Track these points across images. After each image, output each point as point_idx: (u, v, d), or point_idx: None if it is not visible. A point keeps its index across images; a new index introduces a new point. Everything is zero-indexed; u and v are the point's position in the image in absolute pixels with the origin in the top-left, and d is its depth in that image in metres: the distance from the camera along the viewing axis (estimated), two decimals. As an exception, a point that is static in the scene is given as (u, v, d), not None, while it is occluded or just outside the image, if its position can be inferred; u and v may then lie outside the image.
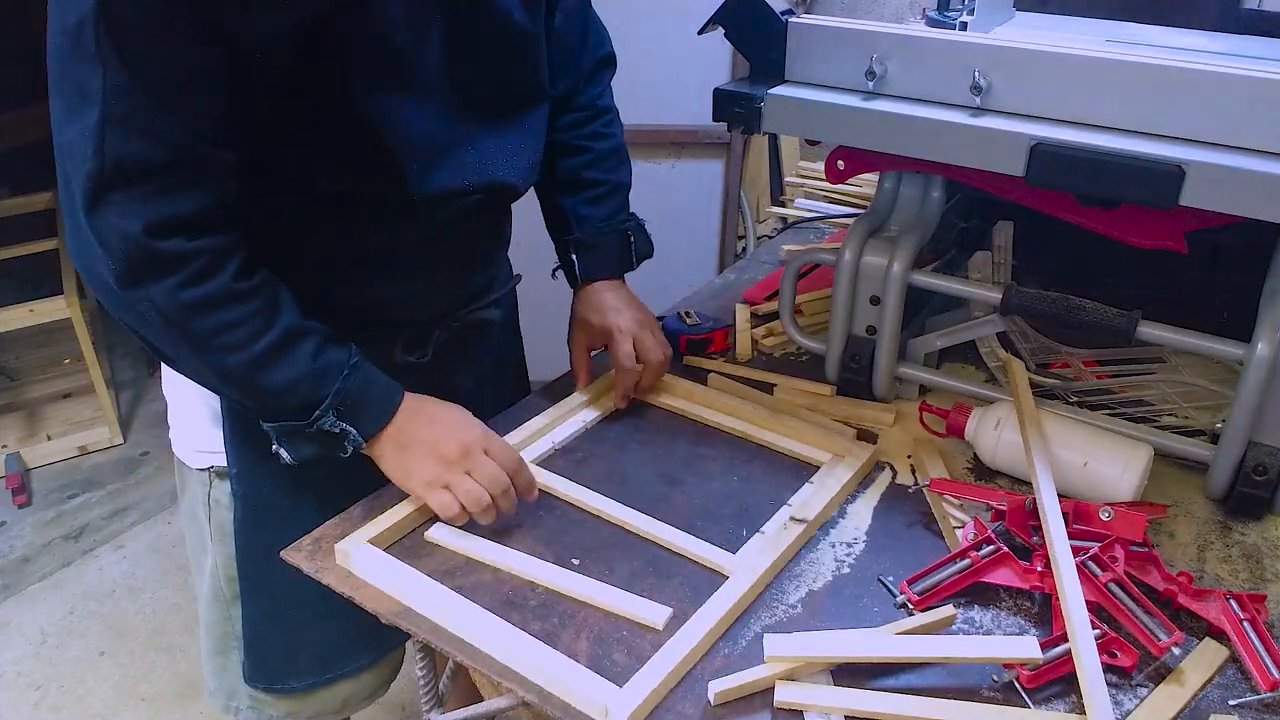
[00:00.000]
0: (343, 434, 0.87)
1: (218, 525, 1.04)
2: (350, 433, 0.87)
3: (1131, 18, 1.24)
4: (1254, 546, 0.92)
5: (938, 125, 0.92)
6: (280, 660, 1.05)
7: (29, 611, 2.17)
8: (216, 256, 0.81)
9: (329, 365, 0.86)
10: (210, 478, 1.04)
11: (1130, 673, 0.76)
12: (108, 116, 0.73)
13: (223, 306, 0.81)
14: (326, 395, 0.85)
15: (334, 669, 1.06)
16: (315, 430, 0.86)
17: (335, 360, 0.87)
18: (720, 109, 1.03)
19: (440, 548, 0.89)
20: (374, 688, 1.12)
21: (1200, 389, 1.08)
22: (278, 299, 0.85)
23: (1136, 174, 0.84)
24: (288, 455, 0.88)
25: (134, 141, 0.74)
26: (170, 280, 0.78)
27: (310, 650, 1.05)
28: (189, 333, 0.81)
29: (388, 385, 0.91)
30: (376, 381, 0.90)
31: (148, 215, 0.76)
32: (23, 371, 2.99)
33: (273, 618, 1.03)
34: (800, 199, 1.73)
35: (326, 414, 0.85)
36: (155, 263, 0.78)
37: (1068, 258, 1.21)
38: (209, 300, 0.80)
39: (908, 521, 0.94)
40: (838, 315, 1.11)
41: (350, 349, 0.89)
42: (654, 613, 0.80)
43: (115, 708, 1.94)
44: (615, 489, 0.96)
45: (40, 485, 2.59)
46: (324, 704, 1.09)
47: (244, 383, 0.84)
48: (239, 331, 0.82)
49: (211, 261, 0.80)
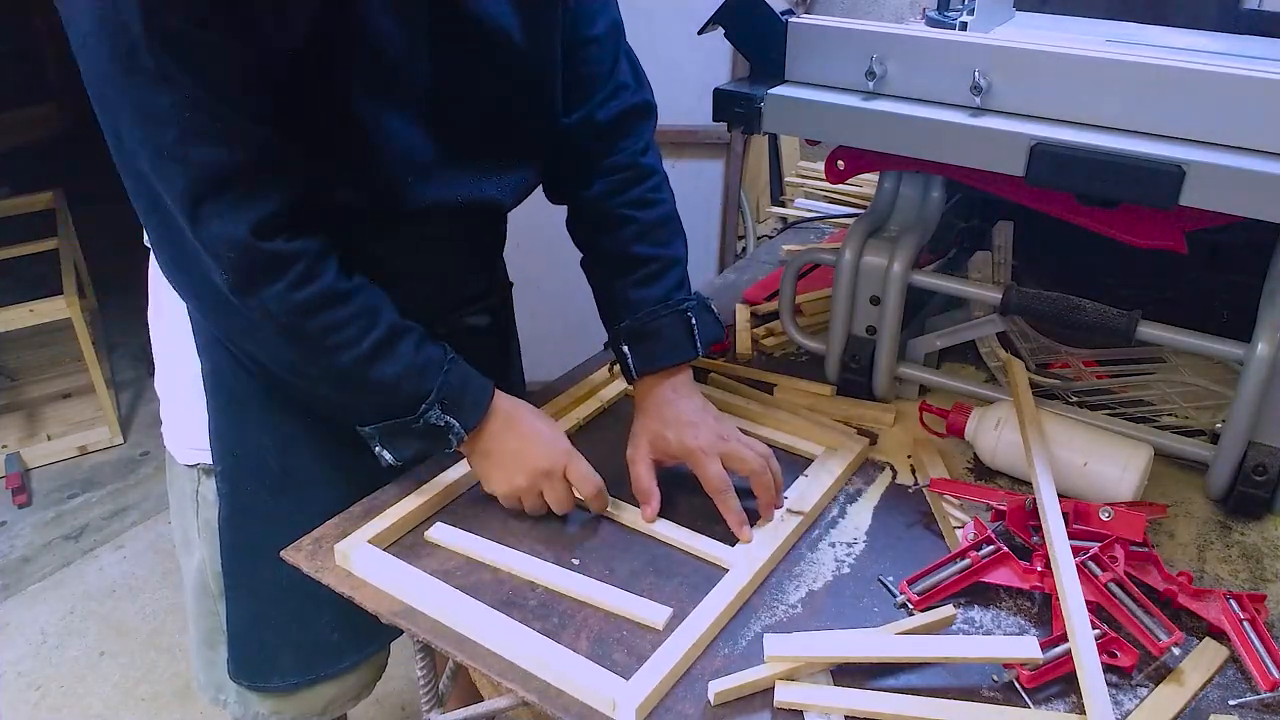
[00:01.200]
0: (447, 427, 0.88)
1: (204, 521, 1.05)
2: (454, 425, 0.88)
3: (1131, 18, 1.24)
4: (1254, 546, 0.92)
5: (938, 125, 0.93)
6: (263, 659, 1.05)
7: (29, 611, 2.18)
8: (317, 258, 0.83)
9: (430, 360, 0.88)
10: (198, 474, 1.04)
11: (1130, 673, 0.76)
12: (186, 130, 0.74)
13: (331, 306, 0.83)
14: (432, 389, 0.87)
15: (316, 670, 1.06)
16: (422, 425, 0.87)
17: (435, 355, 0.89)
18: (720, 109, 1.03)
19: (440, 547, 0.90)
20: (358, 689, 1.12)
21: (1200, 389, 1.08)
22: (378, 297, 0.87)
23: (1136, 174, 0.84)
24: (390, 456, 0.89)
25: (218, 149, 0.75)
26: (281, 283, 0.80)
27: (293, 650, 1.05)
28: (302, 334, 0.83)
29: (482, 380, 0.93)
30: (473, 376, 0.92)
31: (249, 218, 0.77)
32: (23, 371, 2.99)
33: (256, 617, 1.03)
34: (800, 199, 1.73)
35: (433, 407, 0.87)
36: (265, 266, 0.80)
37: (1068, 258, 1.21)
38: (318, 301, 0.82)
39: (908, 521, 0.94)
40: (838, 315, 1.11)
41: (445, 346, 0.91)
42: (654, 612, 0.80)
43: (115, 708, 1.94)
44: (615, 489, 0.96)
45: (40, 485, 2.59)
46: (308, 704, 1.09)
47: (356, 381, 0.85)
48: (349, 330, 0.84)
49: (314, 263, 0.82)
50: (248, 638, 1.04)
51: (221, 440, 0.99)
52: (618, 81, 1.03)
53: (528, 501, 0.92)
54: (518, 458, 0.91)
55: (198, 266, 0.81)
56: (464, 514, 0.94)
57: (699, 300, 1.02)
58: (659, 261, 1.01)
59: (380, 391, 0.86)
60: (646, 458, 0.95)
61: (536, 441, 0.92)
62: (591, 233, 1.05)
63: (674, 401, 0.97)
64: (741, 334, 1.27)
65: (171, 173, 0.75)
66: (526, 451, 0.91)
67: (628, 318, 1.00)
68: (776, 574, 0.87)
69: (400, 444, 0.89)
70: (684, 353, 0.99)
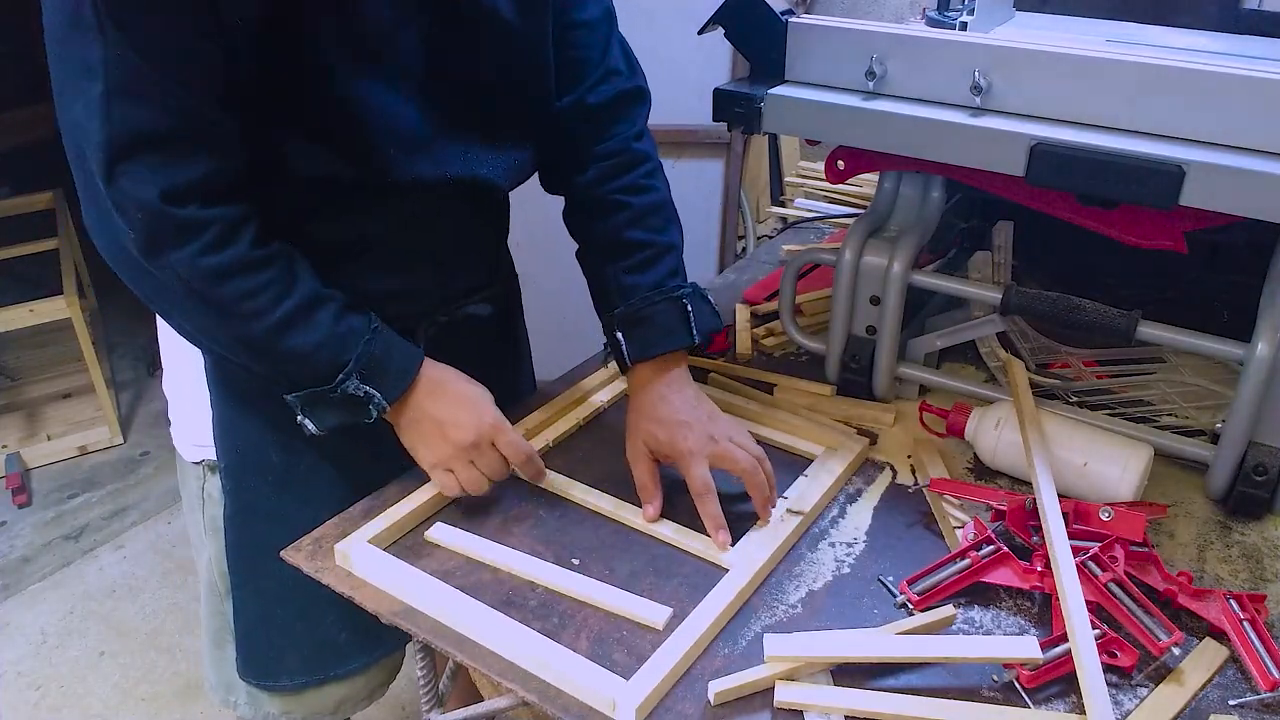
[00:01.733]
0: (367, 398, 0.87)
1: (210, 519, 1.05)
2: (375, 396, 0.87)
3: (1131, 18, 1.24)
4: (1254, 546, 0.92)
5: (938, 125, 0.93)
6: (270, 658, 1.05)
7: (29, 611, 2.18)
8: (232, 225, 0.82)
9: (351, 330, 0.87)
10: (204, 471, 1.04)
11: (1130, 673, 0.76)
12: (112, 87, 0.74)
13: (242, 274, 0.82)
14: (350, 359, 0.86)
15: (324, 671, 1.06)
16: (340, 395, 0.86)
17: (357, 325, 0.87)
18: (720, 109, 1.03)
19: (440, 547, 0.90)
20: (370, 690, 1.12)
21: (1200, 389, 1.08)
22: (295, 267, 0.86)
23: (1136, 174, 0.84)
24: (312, 426, 0.88)
25: (140, 109, 0.75)
26: (189, 248, 0.79)
27: (299, 650, 1.05)
28: (210, 300, 0.82)
29: (409, 350, 0.91)
30: (398, 346, 0.90)
31: (162, 182, 0.77)
32: (23, 371, 2.99)
33: (262, 615, 1.03)
34: (800, 199, 1.73)
35: (350, 377, 0.86)
36: (174, 230, 0.79)
37: (1068, 258, 1.21)
38: (228, 267, 0.81)
39: (908, 521, 0.94)
40: (838, 315, 1.11)
41: (370, 315, 0.89)
42: (654, 612, 0.80)
43: (115, 708, 1.94)
44: (616, 489, 0.96)
45: (40, 485, 2.59)
46: (318, 703, 1.09)
47: (267, 350, 0.84)
48: (260, 299, 0.82)
49: (228, 230, 0.81)
50: (254, 636, 1.04)
51: (225, 436, 1.00)
52: (609, 67, 1.02)
53: (460, 473, 0.91)
54: (444, 428, 0.90)
55: (110, 225, 0.80)
56: (464, 514, 0.94)
57: (694, 289, 1.00)
58: (653, 248, 1.00)
59: (295, 361, 0.85)
60: (646, 457, 0.94)
61: (462, 410, 0.90)
62: (585, 219, 1.04)
63: (667, 398, 0.95)
64: (741, 334, 1.27)
65: (94, 127, 0.75)
66: (452, 421, 0.90)
67: (621, 304, 0.98)
68: (776, 574, 0.87)
69: (320, 413, 0.88)
70: (679, 339, 0.97)
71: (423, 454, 0.92)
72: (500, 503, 0.95)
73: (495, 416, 0.92)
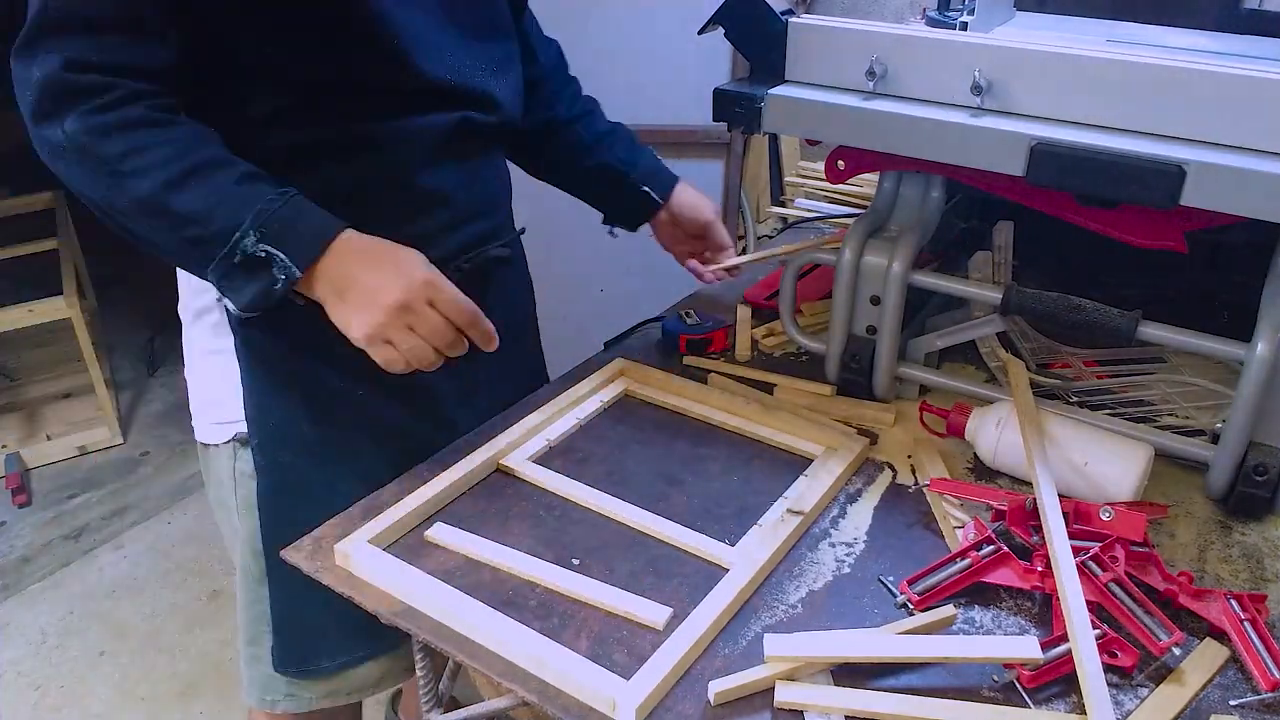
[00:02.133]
0: (269, 259, 0.81)
1: (244, 499, 1.04)
2: (278, 257, 0.81)
3: (1131, 18, 1.24)
4: (1254, 546, 0.92)
5: (938, 125, 0.93)
6: (310, 639, 1.04)
7: (29, 611, 2.18)
8: (132, 92, 0.80)
9: (254, 192, 0.82)
10: (235, 449, 1.04)
11: (1130, 673, 0.76)
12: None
13: (132, 130, 0.80)
14: (246, 216, 0.81)
15: (363, 648, 1.06)
16: (241, 259, 0.81)
17: (261, 189, 0.83)
18: (720, 109, 1.03)
19: (440, 547, 0.90)
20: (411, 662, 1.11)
21: (1200, 389, 1.08)
22: (204, 135, 0.83)
23: (1136, 174, 0.84)
24: (231, 304, 0.86)
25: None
26: (83, 107, 0.79)
27: (340, 628, 1.04)
28: (99, 158, 0.79)
29: (328, 218, 0.85)
30: (314, 212, 0.85)
31: (68, 53, 0.78)
32: (23, 371, 2.99)
33: (300, 594, 1.01)
34: (800, 199, 1.73)
35: (247, 235, 0.80)
36: (70, 93, 0.79)
37: (1068, 258, 1.21)
38: (120, 123, 0.79)
39: (908, 521, 0.94)
40: (838, 315, 1.11)
41: (288, 188, 0.84)
42: (654, 613, 0.80)
43: (115, 708, 1.94)
44: (616, 489, 0.96)
45: (40, 485, 2.59)
46: (359, 680, 1.08)
47: (158, 210, 0.80)
48: (151, 154, 0.80)
49: (125, 95, 0.80)
50: (293, 619, 1.04)
51: (258, 412, 0.99)
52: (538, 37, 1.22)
53: (399, 342, 0.85)
54: (373, 293, 0.84)
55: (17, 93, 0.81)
56: (464, 514, 0.94)
57: None
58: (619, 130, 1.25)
59: (188, 223, 0.80)
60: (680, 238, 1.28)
61: (393, 268, 0.84)
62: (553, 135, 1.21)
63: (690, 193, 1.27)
64: (741, 334, 1.27)
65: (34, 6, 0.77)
66: (382, 283, 0.84)
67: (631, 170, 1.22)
68: (776, 574, 0.87)
69: (233, 286, 0.83)
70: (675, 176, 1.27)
71: (355, 327, 0.85)
72: (500, 502, 0.95)
73: (427, 272, 0.86)
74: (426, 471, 0.97)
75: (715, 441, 1.06)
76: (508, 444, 1.01)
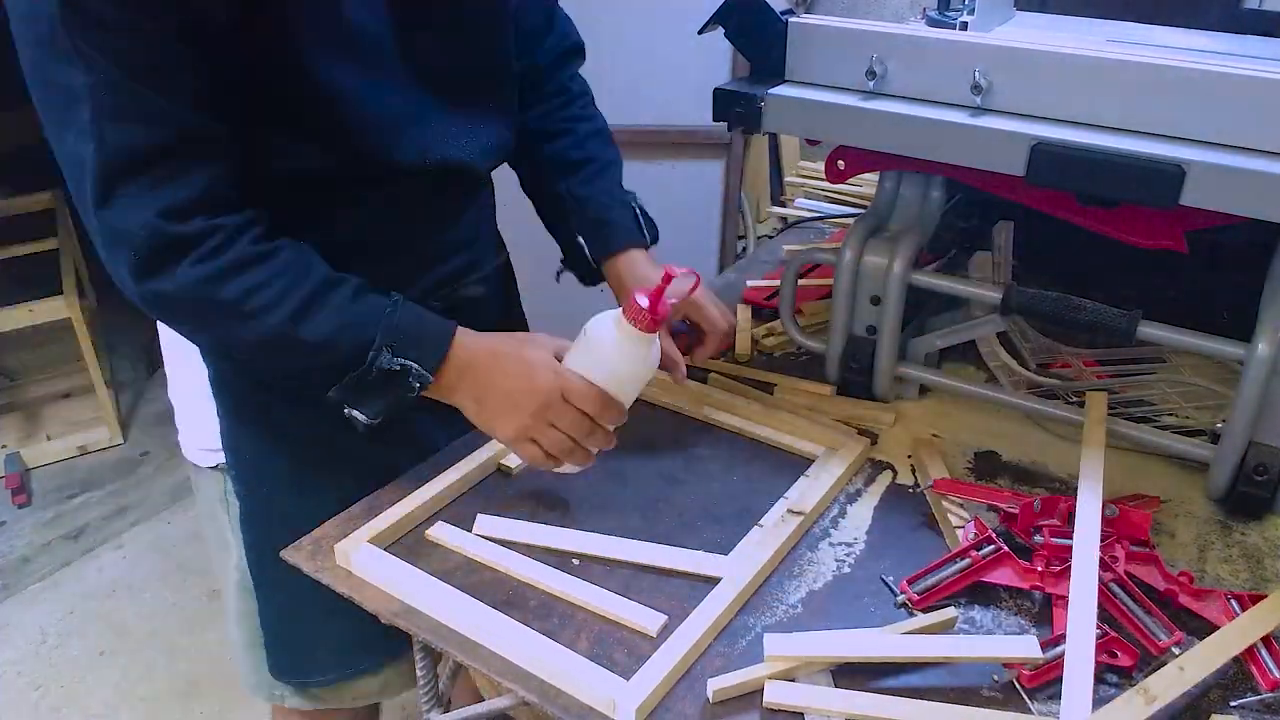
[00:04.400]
0: (404, 370, 0.84)
1: (235, 519, 1.05)
2: (413, 367, 0.84)
3: (1132, 18, 1.24)
4: (1254, 546, 0.92)
5: (938, 125, 0.92)
6: (300, 657, 1.05)
7: (29, 611, 2.18)
8: (234, 230, 0.80)
9: (371, 306, 0.84)
10: (222, 475, 1.05)
11: (1131, 673, 0.76)
12: (100, 111, 0.73)
13: (246, 270, 0.80)
14: (375, 333, 0.83)
15: (355, 665, 1.06)
16: (376, 374, 0.84)
17: (376, 301, 0.85)
18: (720, 109, 1.03)
19: (440, 547, 0.89)
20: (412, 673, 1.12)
21: (1200, 389, 1.08)
22: (305, 256, 0.84)
23: (1136, 174, 0.84)
24: (362, 416, 0.86)
25: (131, 129, 0.74)
26: (187, 259, 0.78)
27: (329, 646, 1.05)
28: (218, 304, 0.80)
29: (439, 319, 0.88)
30: (425, 315, 0.88)
31: (161, 201, 0.76)
32: (23, 371, 2.99)
33: (288, 614, 1.03)
34: (800, 199, 1.73)
35: (381, 351, 0.83)
36: (174, 246, 0.78)
37: (1068, 258, 1.21)
38: (231, 267, 0.79)
39: (908, 522, 0.94)
40: (838, 315, 1.11)
41: (390, 292, 0.87)
42: (648, 619, 0.80)
43: (115, 708, 1.94)
44: (615, 489, 0.96)
45: (40, 485, 2.59)
46: (359, 690, 1.09)
47: (288, 343, 0.82)
48: (269, 291, 0.80)
49: (229, 235, 0.80)
50: (283, 636, 1.04)
51: (232, 444, 1.00)
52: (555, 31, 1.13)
53: (545, 440, 0.88)
54: (513, 399, 0.87)
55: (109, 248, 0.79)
56: (464, 514, 0.94)
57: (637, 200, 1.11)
58: (598, 162, 1.11)
59: (320, 350, 0.82)
60: None
61: (524, 373, 0.87)
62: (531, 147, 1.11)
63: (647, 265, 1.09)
64: (741, 334, 1.27)
65: (86, 153, 0.74)
66: (517, 388, 0.86)
67: (577, 215, 1.09)
68: (777, 574, 0.87)
69: (365, 400, 0.86)
70: (637, 238, 1.09)
71: (499, 430, 0.89)
72: (501, 502, 0.95)
73: (553, 369, 0.88)
74: (427, 471, 0.97)
75: (715, 441, 1.06)
76: (508, 444, 1.01)
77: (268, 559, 1.00)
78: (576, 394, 0.87)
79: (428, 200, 0.97)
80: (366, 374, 0.84)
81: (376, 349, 0.83)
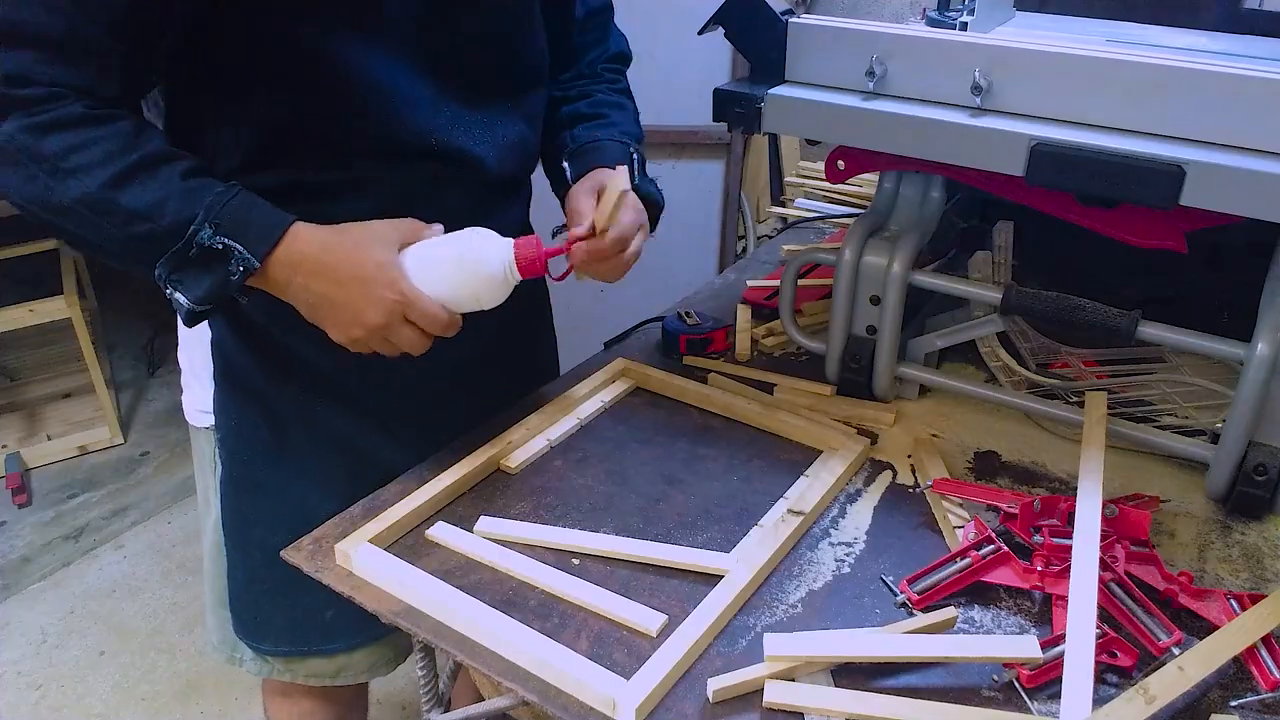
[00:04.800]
0: (226, 250, 0.80)
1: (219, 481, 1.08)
2: (235, 249, 0.80)
3: (1131, 18, 1.24)
4: (1254, 546, 0.92)
5: (938, 125, 0.93)
6: (258, 622, 1.08)
7: (29, 611, 2.18)
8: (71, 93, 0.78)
9: (203, 185, 0.81)
10: (214, 436, 1.07)
11: (1130, 673, 0.76)
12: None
13: (72, 128, 0.77)
14: (199, 210, 0.79)
15: (307, 644, 1.09)
16: (197, 252, 0.79)
17: (210, 182, 0.82)
18: (720, 109, 1.03)
19: (440, 547, 0.89)
20: (370, 665, 1.14)
21: (1200, 389, 1.08)
22: (146, 131, 0.81)
23: (1136, 174, 0.84)
24: (184, 299, 0.82)
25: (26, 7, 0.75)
26: (22, 111, 0.77)
27: (283, 621, 1.07)
28: (39, 157, 0.77)
29: (283, 213, 0.84)
30: (267, 206, 0.83)
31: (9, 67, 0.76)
32: (23, 371, 2.99)
33: (250, 580, 1.06)
34: (800, 199, 1.73)
35: (203, 227, 0.79)
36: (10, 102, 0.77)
37: (1068, 258, 1.21)
38: (56, 122, 0.77)
39: (908, 521, 0.94)
40: (838, 315, 1.11)
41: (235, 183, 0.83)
42: (648, 619, 0.80)
43: (115, 708, 1.94)
44: (615, 488, 0.96)
45: (40, 485, 2.59)
46: (311, 669, 1.11)
47: (107, 207, 0.78)
48: (92, 150, 0.77)
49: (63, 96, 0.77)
50: (244, 598, 1.08)
51: (222, 410, 1.03)
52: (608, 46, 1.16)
53: (379, 349, 0.86)
54: (346, 309, 0.83)
55: None
56: (464, 514, 0.94)
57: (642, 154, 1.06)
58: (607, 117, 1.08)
59: (139, 218, 0.78)
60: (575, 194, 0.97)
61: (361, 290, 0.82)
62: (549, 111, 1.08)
63: None
64: (741, 334, 1.27)
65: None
66: (352, 304, 0.83)
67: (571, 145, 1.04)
68: (776, 574, 0.87)
69: (186, 280, 0.81)
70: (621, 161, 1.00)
71: (334, 335, 0.86)
72: (501, 502, 0.95)
73: (396, 291, 0.83)
74: (427, 471, 0.97)
75: (715, 441, 1.06)
76: (508, 444, 1.01)
77: (240, 522, 1.05)
78: (423, 316, 0.84)
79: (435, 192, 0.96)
80: (186, 249, 0.80)
81: (199, 224, 0.79)
